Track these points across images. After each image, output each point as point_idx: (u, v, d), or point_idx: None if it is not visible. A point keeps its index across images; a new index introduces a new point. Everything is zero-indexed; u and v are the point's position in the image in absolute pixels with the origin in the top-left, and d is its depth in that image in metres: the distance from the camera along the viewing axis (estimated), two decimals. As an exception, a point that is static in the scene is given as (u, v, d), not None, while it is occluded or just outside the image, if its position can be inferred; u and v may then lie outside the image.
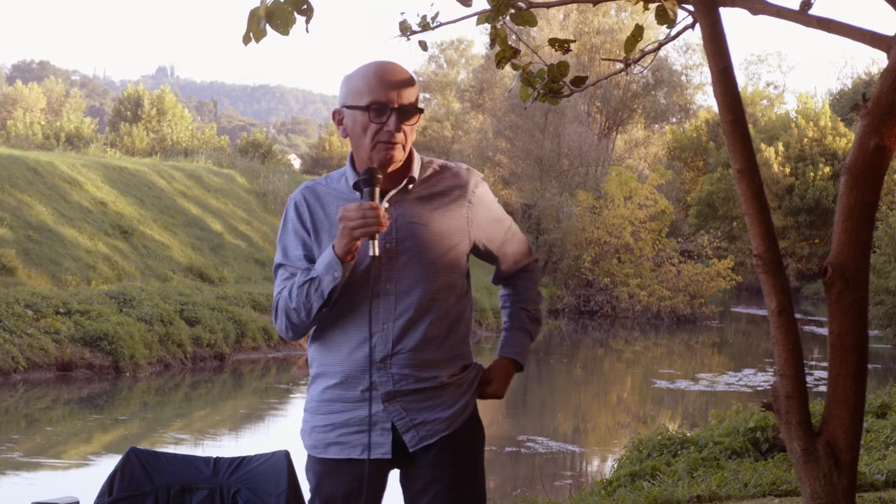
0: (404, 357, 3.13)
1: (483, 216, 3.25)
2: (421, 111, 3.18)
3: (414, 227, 3.15)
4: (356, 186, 3.13)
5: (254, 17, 3.80)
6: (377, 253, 3.06)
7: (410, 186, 3.19)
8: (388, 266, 3.13)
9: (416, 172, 3.20)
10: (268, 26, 3.83)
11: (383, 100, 3.11)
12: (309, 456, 3.28)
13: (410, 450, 3.15)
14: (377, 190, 3.09)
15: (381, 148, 3.11)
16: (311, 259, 3.18)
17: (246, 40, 3.84)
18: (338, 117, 3.21)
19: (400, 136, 3.12)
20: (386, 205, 3.15)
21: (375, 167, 3.12)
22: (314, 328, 3.24)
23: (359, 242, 3.06)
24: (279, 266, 3.23)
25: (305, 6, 3.83)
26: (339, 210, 3.09)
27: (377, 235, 3.05)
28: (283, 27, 3.82)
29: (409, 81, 3.16)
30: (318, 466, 3.22)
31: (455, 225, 3.19)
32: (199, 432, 15.95)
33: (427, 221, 3.16)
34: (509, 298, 3.42)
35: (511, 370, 3.32)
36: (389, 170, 3.16)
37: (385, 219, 3.04)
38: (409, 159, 3.21)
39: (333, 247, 3.08)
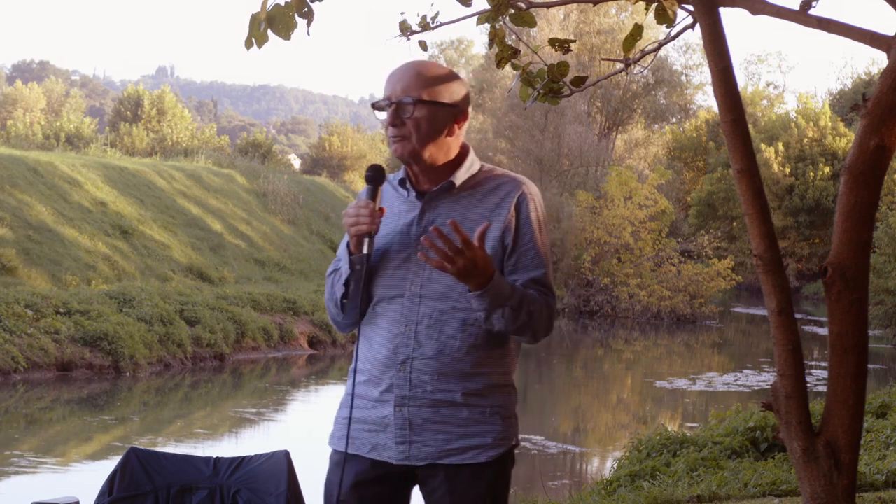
0: (424, 363, 3.10)
1: (519, 233, 3.14)
2: (420, 102, 3.10)
3: (446, 230, 3.10)
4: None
5: (255, 22, 3.79)
6: (367, 251, 3.08)
7: (455, 191, 3.16)
8: (417, 267, 3.12)
9: (461, 177, 3.17)
10: (269, 30, 3.83)
11: (385, 95, 3.15)
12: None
13: (394, 462, 3.11)
14: (380, 189, 3.13)
15: (391, 143, 3.15)
16: None
17: (248, 45, 3.83)
18: None
19: (402, 130, 3.11)
20: (374, 203, 3.12)
21: (380, 165, 3.16)
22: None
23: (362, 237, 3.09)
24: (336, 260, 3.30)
25: (307, 9, 3.83)
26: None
27: (372, 235, 3.08)
28: (285, 31, 3.81)
29: (414, 74, 3.13)
30: (332, 456, 3.24)
31: (491, 235, 3.12)
32: (199, 432, 15.95)
33: (461, 227, 3.09)
34: None
35: (486, 258, 2.97)
36: (423, 166, 3.15)
37: (377, 219, 3.06)
38: (458, 162, 3.19)
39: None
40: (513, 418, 3.17)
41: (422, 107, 3.11)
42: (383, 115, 3.15)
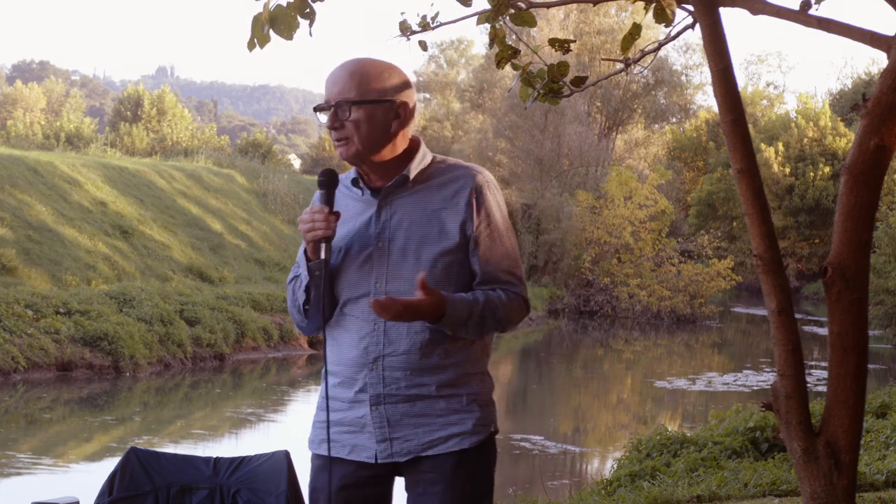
0: (396, 360, 3.08)
1: (479, 222, 3.10)
2: (354, 103, 3.07)
3: (405, 225, 3.10)
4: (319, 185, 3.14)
5: (257, 23, 3.79)
6: (325, 256, 3.07)
7: (409, 185, 3.13)
8: (379, 265, 3.11)
9: (414, 170, 3.13)
10: (271, 31, 3.83)
11: (325, 98, 3.13)
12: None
13: (378, 461, 3.10)
14: (334, 192, 3.11)
15: (336, 147, 3.13)
16: None
17: (251, 46, 3.84)
18: None
19: (343, 132, 3.09)
20: (327, 208, 3.09)
21: (333, 169, 3.14)
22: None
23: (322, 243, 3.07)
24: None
25: (308, 10, 3.83)
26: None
27: (329, 239, 3.06)
28: (287, 32, 3.82)
29: (348, 75, 3.09)
30: (314, 461, 3.22)
31: (450, 226, 3.10)
32: (199, 432, 15.95)
33: (419, 220, 3.10)
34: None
35: (434, 302, 2.97)
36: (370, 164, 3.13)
37: (332, 223, 3.05)
38: (409, 156, 3.16)
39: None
40: (490, 405, 3.15)
41: (357, 108, 3.08)
42: (325, 118, 3.13)
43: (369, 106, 3.08)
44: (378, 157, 3.12)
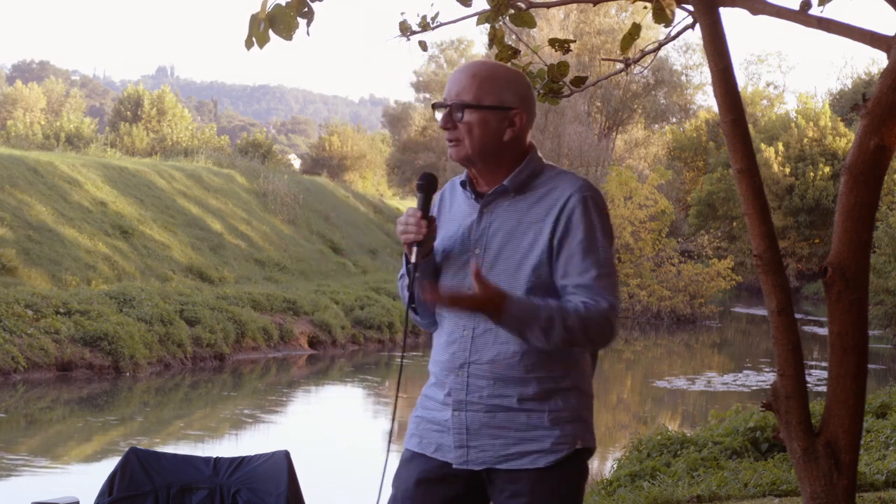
0: (480, 368, 3.09)
1: (565, 236, 3.05)
2: (469, 106, 3.07)
3: (499, 234, 3.10)
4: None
5: (255, 22, 3.79)
6: (415, 260, 3.09)
7: (511, 194, 3.13)
8: None
9: (515, 179, 3.12)
10: (270, 31, 3.83)
11: (444, 96, 3.14)
12: None
13: (453, 465, 3.11)
14: (433, 197, 3.15)
15: (448, 147, 3.15)
16: None
17: (248, 45, 3.83)
18: None
19: (455, 133, 3.10)
20: (420, 213, 3.12)
21: (431, 174, 3.17)
22: None
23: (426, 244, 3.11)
24: None
25: (307, 9, 3.83)
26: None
27: (421, 244, 3.09)
28: (286, 31, 3.81)
29: (469, 77, 3.10)
30: (403, 454, 3.25)
31: (541, 239, 3.07)
32: (199, 432, 15.95)
33: (512, 230, 3.09)
34: None
35: (490, 296, 2.93)
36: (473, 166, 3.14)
37: (423, 228, 3.07)
38: (517, 163, 3.15)
39: None
40: (577, 422, 3.08)
41: (472, 111, 3.08)
42: (439, 116, 3.14)
43: (484, 111, 3.09)
44: (487, 162, 3.13)
